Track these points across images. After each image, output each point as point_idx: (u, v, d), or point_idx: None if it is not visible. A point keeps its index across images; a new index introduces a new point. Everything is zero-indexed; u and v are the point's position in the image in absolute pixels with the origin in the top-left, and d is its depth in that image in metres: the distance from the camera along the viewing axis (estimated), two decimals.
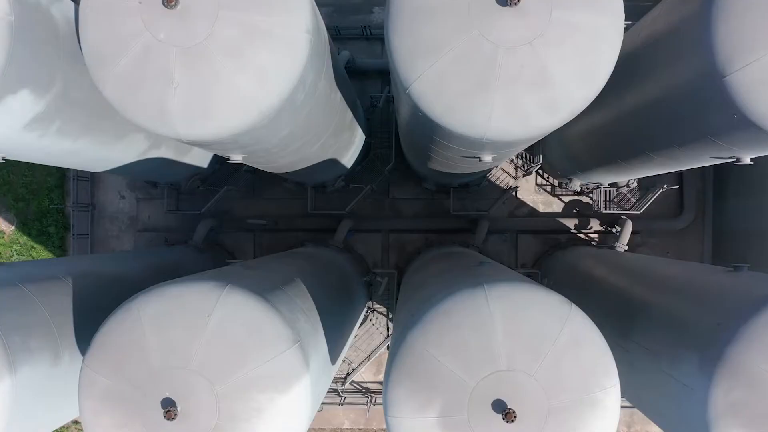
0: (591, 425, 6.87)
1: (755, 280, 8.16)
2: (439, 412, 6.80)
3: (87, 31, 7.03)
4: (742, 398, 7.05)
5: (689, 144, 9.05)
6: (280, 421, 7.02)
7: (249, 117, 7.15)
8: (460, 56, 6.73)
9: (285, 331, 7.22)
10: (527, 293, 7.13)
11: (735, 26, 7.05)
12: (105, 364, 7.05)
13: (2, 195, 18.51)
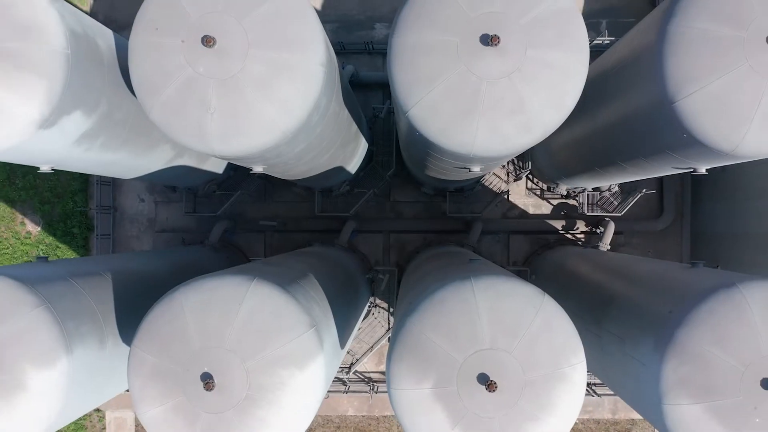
0: (560, 395, 8.18)
1: (705, 274, 9.49)
2: (433, 384, 8.13)
3: (137, 64, 8.37)
4: (689, 374, 8.36)
5: (652, 156, 10.39)
6: (299, 393, 8.34)
7: (273, 137, 8.49)
8: (450, 87, 8.07)
9: (303, 318, 8.55)
10: (507, 285, 8.46)
11: (682, 60, 8.38)
12: (152, 345, 8.37)
13: (29, 198, 19.85)
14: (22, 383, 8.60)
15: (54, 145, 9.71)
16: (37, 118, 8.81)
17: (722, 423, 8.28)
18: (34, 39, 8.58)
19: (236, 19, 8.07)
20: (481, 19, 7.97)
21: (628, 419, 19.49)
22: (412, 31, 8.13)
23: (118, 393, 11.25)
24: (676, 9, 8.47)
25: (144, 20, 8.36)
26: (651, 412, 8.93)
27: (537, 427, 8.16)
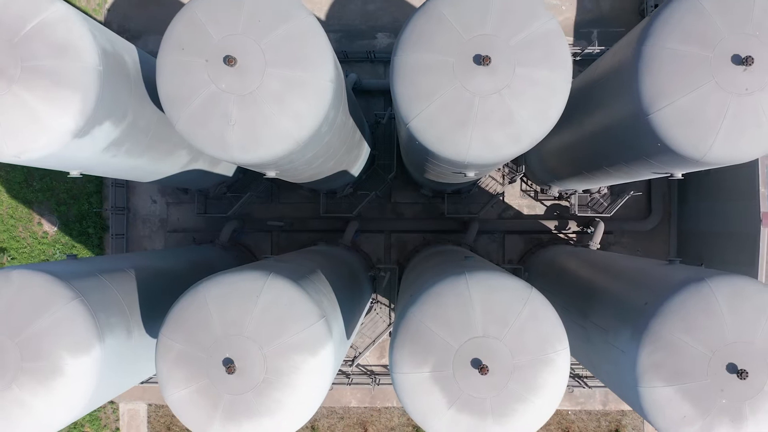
0: (546, 378, 9.10)
1: (678, 270, 10.41)
2: (432, 368, 9.05)
3: (164, 81, 9.29)
4: (662, 359, 9.29)
5: (633, 163, 11.31)
6: (311, 377, 9.27)
7: (287, 146, 9.42)
8: (446, 102, 8.99)
9: (314, 309, 9.47)
10: (498, 279, 9.38)
11: (656, 77, 9.30)
12: (178, 334, 9.30)
13: (46, 199, 20.77)
14: (60, 369, 9.52)
15: (85, 153, 10.63)
16: (72, 129, 9.73)
17: (692, 404, 9.20)
18: (71, 57, 9.50)
19: (255, 41, 8.99)
20: (474, 41, 8.89)
21: (618, 410, 20.42)
22: (413, 52, 9.06)
23: (141, 380, 12.19)
24: (651, 30, 9.40)
25: (171, 41, 9.27)
26: (629, 394, 9.86)
27: (525, 407, 9.09)
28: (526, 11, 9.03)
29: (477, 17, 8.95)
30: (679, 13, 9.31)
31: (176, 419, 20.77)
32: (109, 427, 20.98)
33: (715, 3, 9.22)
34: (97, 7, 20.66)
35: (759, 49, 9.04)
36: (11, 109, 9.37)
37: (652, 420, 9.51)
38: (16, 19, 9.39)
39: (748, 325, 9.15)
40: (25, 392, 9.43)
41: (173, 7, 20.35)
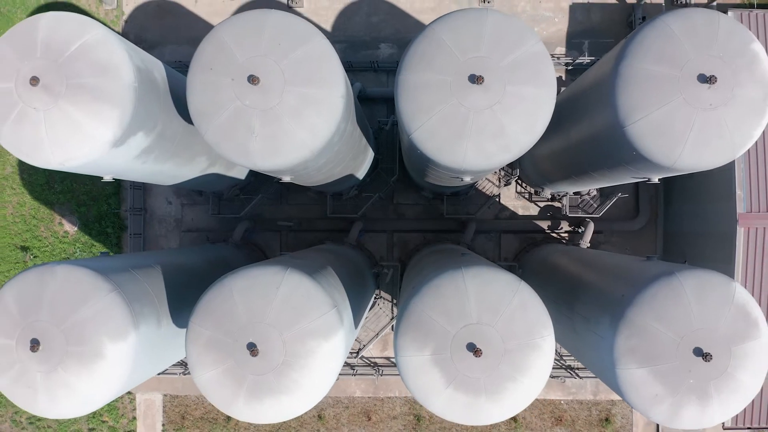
0: (533, 361, 10.24)
1: (653, 265, 11.58)
2: (431, 351, 10.21)
3: (194, 97, 10.45)
4: (636, 344, 10.45)
5: (613, 168, 12.48)
6: (325, 359, 10.42)
7: (303, 155, 10.59)
8: (445, 116, 10.16)
9: (327, 299, 10.64)
10: (491, 273, 10.55)
11: (631, 93, 10.48)
12: (207, 321, 10.46)
13: (67, 201, 21.94)
14: (101, 353, 10.67)
15: (120, 160, 11.81)
16: (111, 139, 10.91)
17: (663, 383, 10.37)
18: (110, 75, 10.68)
19: (275, 62, 10.16)
20: (469, 62, 10.06)
21: (608, 400, 21.59)
22: (415, 72, 10.23)
23: (168, 366, 13.35)
24: (627, 52, 10.58)
25: (200, 61, 10.44)
26: (608, 376, 11.03)
27: (514, 386, 10.25)
28: (516, 35, 10.20)
29: (472, 41, 10.12)
30: (651, 36, 10.49)
31: (190, 408, 21.97)
32: (126, 416, 22.16)
33: (683, 28, 10.40)
34: (115, 18, 21.83)
35: (722, 69, 10.22)
36: (57, 122, 10.55)
37: (627, 399, 10.68)
38: (61, 41, 10.58)
39: (713, 313, 10.32)
40: (69, 374, 10.59)
41: (188, 19, 21.58)
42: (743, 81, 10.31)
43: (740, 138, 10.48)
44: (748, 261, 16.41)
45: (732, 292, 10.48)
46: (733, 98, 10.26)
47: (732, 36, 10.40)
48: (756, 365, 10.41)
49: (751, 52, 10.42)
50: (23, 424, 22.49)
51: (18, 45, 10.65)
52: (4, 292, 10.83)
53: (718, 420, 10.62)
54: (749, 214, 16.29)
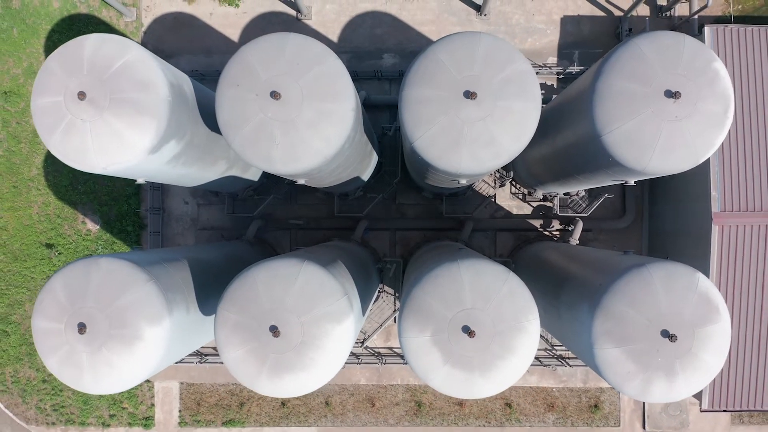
0: (520, 342, 11.66)
1: (628, 258, 13.01)
2: (431, 333, 11.64)
3: (223, 110, 11.87)
4: (611, 327, 11.87)
5: (594, 171, 13.91)
6: (337, 341, 11.85)
7: (318, 161, 12.02)
8: (443, 127, 11.59)
9: (339, 288, 12.07)
10: (483, 265, 11.98)
11: (606, 107, 11.90)
12: (234, 307, 11.89)
13: (89, 201, 23.37)
14: (139, 335, 12.11)
15: (153, 165, 13.24)
16: (148, 147, 12.35)
17: (634, 362, 11.78)
18: (148, 91, 12.12)
19: (294, 80, 11.60)
20: (464, 80, 11.49)
21: (597, 388, 23.02)
22: (417, 88, 11.66)
23: (193, 349, 14.79)
24: (602, 70, 12.01)
25: (228, 78, 11.87)
26: (587, 356, 12.46)
27: (504, 364, 11.67)
28: (505, 56, 11.63)
29: (467, 61, 11.55)
30: (624, 56, 11.92)
31: (205, 396, 23.41)
32: (145, 403, 23.60)
33: (652, 49, 11.83)
34: (135, 30, 23.27)
35: (686, 85, 11.65)
36: (102, 132, 11.99)
37: (604, 375, 12.11)
38: (105, 60, 12.02)
39: (678, 299, 11.74)
40: (112, 354, 12.03)
41: (203, 30, 23.02)
42: (705, 96, 11.73)
43: (702, 146, 11.90)
44: (722, 256, 17.83)
45: (696, 282, 11.91)
46: (696, 111, 11.69)
47: (696, 56, 11.82)
48: (717, 346, 11.83)
49: (712, 70, 11.84)
50: (47, 411, 23.93)
51: (66, 63, 12.10)
52: (53, 282, 12.27)
53: (685, 394, 12.02)
54: (723, 213, 17.71)
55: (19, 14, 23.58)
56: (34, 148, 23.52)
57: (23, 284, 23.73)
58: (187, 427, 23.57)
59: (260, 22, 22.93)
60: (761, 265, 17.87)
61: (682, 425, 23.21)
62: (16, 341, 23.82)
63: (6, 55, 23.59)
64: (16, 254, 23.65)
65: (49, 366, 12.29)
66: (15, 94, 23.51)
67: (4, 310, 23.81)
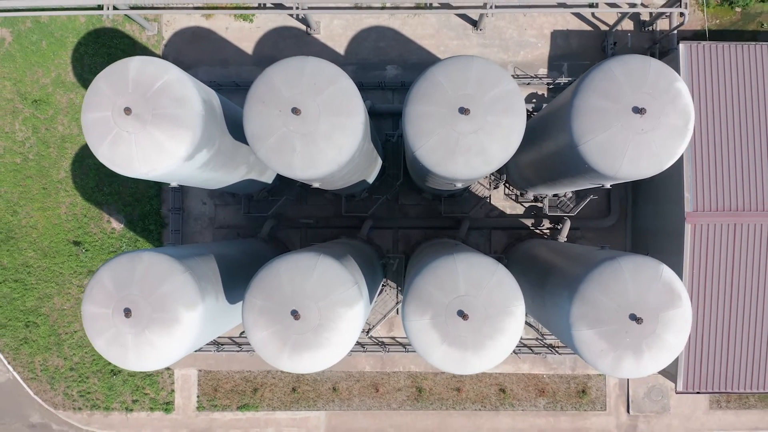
0: (508, 324, 13.45)
1: (603, 252, 14.83)
2: (430, 317, 13.46)
3: (250, 123, 13.69)
4: (586, 311, 13.68)
5: (575, 176, 15.74)
6: (349, 323, 13.66)
7: (332, 168, 13.85)
8: (441, 138, 13.41)
9: (350, 278, 13.90)
10: (476, 258, 13.80)
11: (582, 121, 13.72)
12: (260, 294, 13.71)
13: (114, 202, 25.21)
14: (177, 319, 13.93)
15: (187, 170, 15.07)
16: (184, 155, 14.17)
17: (606, 341, 13.58)
18: (185, 107, 13.94)
19: (312, 98, 13.42)
20: (459, 98, 13.31)
21: (585, 374, 24.86)
22: (418, 105, 13.48)
23: (220, 333, 16.63)
24: (579, 89, 13.83)
25: (255, 96, 13.68)
26: (566, 337, 14.29)
27: (493, 344, 13.48)
28: (495, 77, 13.45)
29: (461, 82, 13.37)
30: (598, 77, 13.75)
31: (222, 382, 25.25)
32: (165, 389, 25.44)
33: (622, 70, 13.66)
34: (156, 43, 25.11)
35: (650, 102, 13.47)
36: (145, 142, 13.81)
37: (580, 354, 13.93)
38: (147, 80, 13.83)
39: (644, 287, 13.56)
40: (153, 335, 13.84)
41: (219, 43, 24.85)
42: (668, 112, 13.55)
43: (666, 155, 13.73)
44: (694, 251, 19.67)
45: (660, 272, 13.73)
46: (660, 125, 13.51)
47: (660, 77, 13.64)
48: (678, 328, 13.62)
49: (675, 89, 13.66)
50: (74, 397, 25.78)
51: (113, 82, 13.91)
52: (101, 272, 14.10)
53: (651, 370, 13.81)
54: (695, 213, 19.54)
55: (48, 28, 25.41)
56: (62, 153, 25.36)
57: (52, 279, 25.58)
58: (205, 412, 25.43)
59: (272, 36, 24.76)
60: (730, 259, 19.70)
61: (664, 409, 25.05)
62: (45, 332, 25.66)
63: (36, 66, 25.43)
64: (45, 251, 25.49)
65: (97, 346, 14.09)
66: (44, 102, 25.35)
67: (34, 303, 25.66)
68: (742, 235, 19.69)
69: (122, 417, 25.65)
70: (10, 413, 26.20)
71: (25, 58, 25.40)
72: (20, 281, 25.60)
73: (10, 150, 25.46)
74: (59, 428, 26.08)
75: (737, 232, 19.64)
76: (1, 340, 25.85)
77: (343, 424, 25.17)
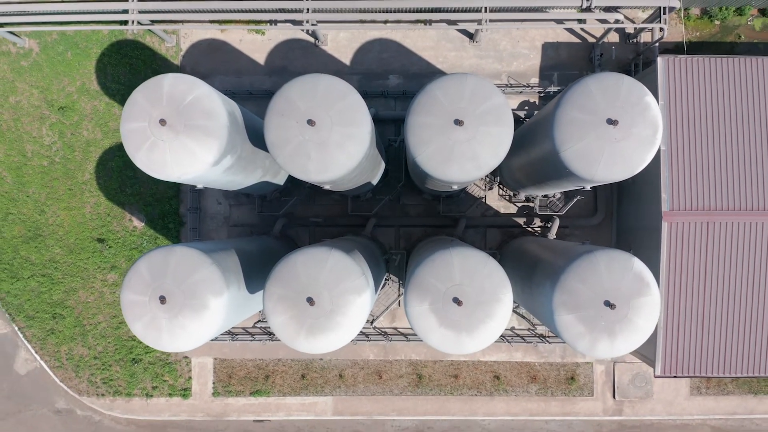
0: (497, 310, 15.31)
1: (583, 247, 16.69)
2: (429, 303, 15.31)
3: (271, 133, 15.55)
4: (566, 299, 15.52)
5: (559, 179, 17.61)
6: (357, 309, 15.52)
7: (342, 172, 15.72)
8: (438, 146, 15.27)
9: (358, 269, 15.76)
10: (469, 252, 15.67)
11: (562, 131, 15.57)
12: (279, 283, 15.57)
13: (135, 202, 27.09)
14: (206, 305, 15.78)
15: (212, 174, 16.95)
16: (212, 161, 16.04)
17: (584, 325, 15.42)
18: (213, 118, 15.80)
19: (325, 111, 15.28)
20: (454, 110, 15.16)
21: (573, 362, 26.72)
22: (418, 116, 15.34)
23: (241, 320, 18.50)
24: (560, 103, 15.69)
25: (275, 109, 15.54)
26: (549, 322, 16.14)
27: (485, 326, 15.33)
28: (486, 92, 15.30)
29: (456, 96, 15.22)
30: (577, 92, 15.60)
31: (236, 370, 27.12)
32: (183, 376, 27.32)
33: (598, 86, 15.51)
34: (174, 54, 26.98)
35: (623, 115, 15.31)
36: (178, 150, 15.67)
37: (562, 336, 15.78)
38: (180, 94, 15.68)
39: (617, 278, 15.39)
40: (185, 319, 15.70)
41: (233, 55, 26.71)
42: (638, 123, 15.40)
43: (637, 161, 15.58)
44: (671, 247, 21.52)
45: (632, 264, 15.57)
46: (631, 135, 15.36)
47: (631, 92, 15.48)
48: (648, 313, 15.45)
49: (644, 102, 15.51)
50: (98, 384, 27.66)
51: (149, 96, 15.76)
52: (138, 264, 15.96)
53: (623, 351, 15.63)
54: (671, 212, 21.40)
55: (73, 39, 27.27)
56: (86, 156, 27.24)
57: (77, 274, 27.45)
58: (220, 397, 27.31)
59: (283, 48, 26.63)
60: (703, 254, 21.56)
61: (647, 395, 26.92)
62: (70, 323, 27.54)
63: (62, 75, 27.30)
64: (71, 247, 27.36)
65: (135, 330, 15.95)
66: (70, 109, 27.22)
67: (61, 297, 27.54)
68: (715, 232, 21.54)
69: (143, 402, 27.53)
70: (37, 399, 28.08)
71: (52, 68, 27.26)
72: (47, 276, 27.48)
73: (37, 153, 27.33)
74: (83, 413, 27.96)
75: (710, 230, 21.49)
76: (30, 331, 27.73)
77: (348, 408, 27.05)
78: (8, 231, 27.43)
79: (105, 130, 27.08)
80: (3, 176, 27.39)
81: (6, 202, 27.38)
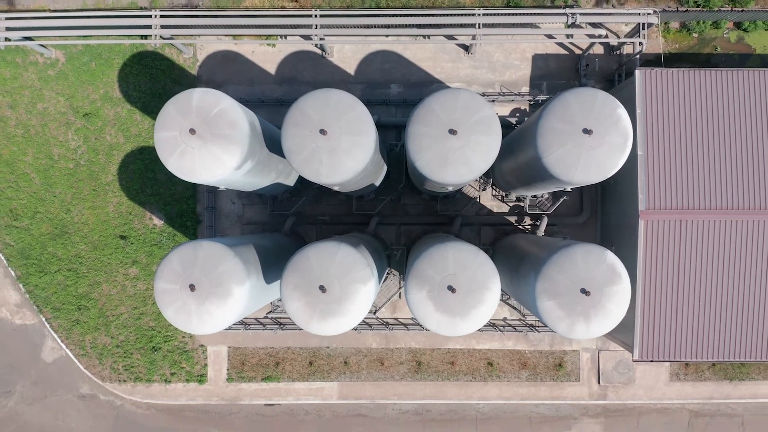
0: (486, 297, 17.41)
1: (564, 242, 18.79)
2: (427, 291, 17.41)
3: (287, 141, 17.66)
4: (547, 287, 17.61)
5: (542, 181, 19.72)
6: (363, 296, 17.63)
7: (351, 175, 17.83)
8: (435, 153, 17.37)
9: (365, 261, 17.87)
10: (463, 246, 17.77)
11: (544, 139, 17.67)
12: (294, 273, 17.67)
13: (155, 201, 29.19)
14: (230, 293, 17.87)
15: (234, 177, 19.06)
16: (235, 166, 18.15)
17: (562, 310, 17.50)
18: (236, 128, 17.90)
19: (336, 121, 17.38)
20: (449, 121, 17.25)
21: (561, 350, 28.84)
22: (417, 126, 17.44)
23: (259, 308, 20.62)
24: (542, 114, 17.80)
25: (291, 120, 17.63)
26: (532, 307, 18.25)
27: (475, 312, 17.42)
28: (477, 105, 17.39)
29: (451, 109, 17.32)
30: (557, 105, 17.70)
31: (248, 357, 29.24)
32: (199, 363, 29.43)
33: (576, 100, 17.60)
34: (191, 64, 29.07)
35: (597, 125, 17.40)
36: (206, 155, 17.77)
37: (543, 320, 17.87)
38: (207, 107, 17.76)
39: (592, 268, 17.49)
40: (212, 305, 17.79)
41: (246, 65, 28.81)
42: (611, 132, 17.47)
43: (610, 166, 17.66)
44: (647, 243, 23.63)
45: (605, 256, 17.68)
46: (604, 143, 17.46)
47: (605, 105, 17.57)
48: (619, 300, 17.53)
49: (617, 114, 17.59)
50: (120, 371, 29.77)
51: (180, 108, 17.84)
52: (170, 256, 18.05)
53: (598, 333, 17.73)
54: (647, 211, 23.51)
55: (97, 50, 29.37)
56: (109, 159, 29.34)
57: (101, 268, 29.56)
58: (233, 383, 29.42)
59: (292, 59, 28.73)
60: (677, 249, 23.66)
61: (630, 381, 29.04)
62: (94, 314, 29.65)
63: (86, 84, 29.40)
64: (95, 244, 29.46)
65: (167, 315, 18.03)
66: (94, 115, 29.32)
67: (85, 290, 29.65)
68: (688, 229, 23.64)
69: (162, 388, 29.65)
70: (63, 386, 30.18)
71: (77, 77, 29.35)
72: (73, 270, 29.58)
73: (64, 156, 29.42)
74: (106, 398, 30.06)
75: (683, 227, 23.60)
76: (56, 322, 29.84)
77: (353, 393, 29.18)
78: (36, 229, 29.52)
79: (127, 135, 29.18)
80: (32, 178, 29.47)
81: (34, 202, 29.47)
